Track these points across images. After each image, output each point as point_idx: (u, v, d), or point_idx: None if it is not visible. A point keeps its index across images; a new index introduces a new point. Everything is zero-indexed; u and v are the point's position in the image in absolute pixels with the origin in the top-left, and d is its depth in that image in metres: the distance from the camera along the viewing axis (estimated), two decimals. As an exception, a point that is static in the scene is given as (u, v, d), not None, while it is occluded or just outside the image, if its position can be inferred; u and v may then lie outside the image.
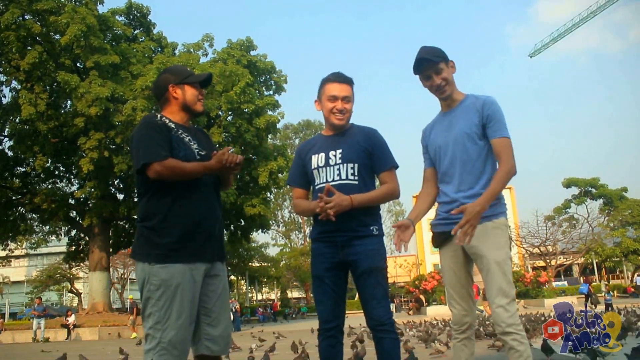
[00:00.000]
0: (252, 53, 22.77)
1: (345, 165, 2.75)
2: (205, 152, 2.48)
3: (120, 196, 22.45)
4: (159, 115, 2.46)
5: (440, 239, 2.64)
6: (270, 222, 34.51)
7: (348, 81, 2.84)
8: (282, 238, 51.38)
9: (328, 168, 2.78)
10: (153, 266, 2.26)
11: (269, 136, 24.36)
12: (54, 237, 27.71)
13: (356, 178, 2.74)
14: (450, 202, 2.59)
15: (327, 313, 2.74)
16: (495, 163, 2.58)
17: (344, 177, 2.74)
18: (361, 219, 2.70)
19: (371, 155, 2.80)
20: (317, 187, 2.83)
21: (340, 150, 2.78)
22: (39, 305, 18.83)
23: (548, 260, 35.84)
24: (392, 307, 29.83)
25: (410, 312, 27.08)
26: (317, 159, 2.83)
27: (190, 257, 2.30)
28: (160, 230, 2.30)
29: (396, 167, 2.83)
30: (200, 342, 2.36)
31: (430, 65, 2.63)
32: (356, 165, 2.75)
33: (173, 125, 2.42)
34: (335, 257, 2.72)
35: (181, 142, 2.39)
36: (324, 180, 2.78)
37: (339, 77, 2.83)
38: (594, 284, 41.27)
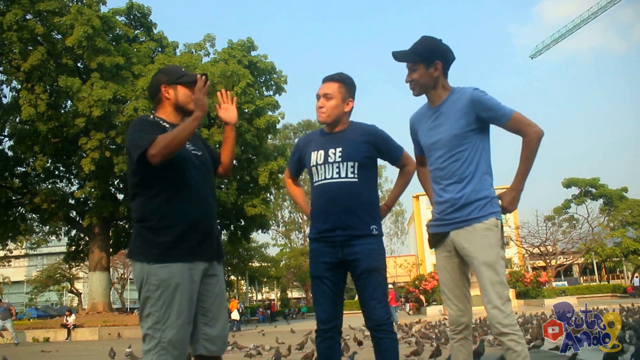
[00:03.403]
0: (253, 53, 22.78)
1: (345, 163, 2.75)
2: (201, 152, 2.47)
3: (120, 196, 22.43)
4: (152, 115, 2.46)
5: (435, 240, 2.64)
6: (270, 222, 34.49)
7: (332, 79, 2.85)
8: (282, 238, 51.35)
9: (327, 165, 2.78)
10: (152, 266, 2.24)
11: (269, 136, 24.36)
12: (54, 237, 27.71)
13: (356, 176, 2.74)
14: (442, 202, 2.58)
15: (326, 314, 2.74)
16: (487, 162, 2.57)
17: (343, 175, 2.74)
18: (362, 218, 2.71)
19: (380, 152, 2.85)
20: (315, 185, 2.83)
21: (340, 149, 2.77)
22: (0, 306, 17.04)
23: (548, 260, 35.85)
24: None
25: (410, 312, 27.11)
26: (316, 156, 2.82)
27: (188, 256, 2.28)
28: (159, 230, 2.28)
29: (403, 148, 2.95)
30: (199, 342, 2.34)
31: (400, 61, 2.62)
32: (356, 163, 2.75)
33: (167, 125, 2.40)
34: (334, 257, 2.71)
35: None
36: (323, 178, 2.77)
37: (325, 78, 2.88)
38: (593, 284, 41.48)
